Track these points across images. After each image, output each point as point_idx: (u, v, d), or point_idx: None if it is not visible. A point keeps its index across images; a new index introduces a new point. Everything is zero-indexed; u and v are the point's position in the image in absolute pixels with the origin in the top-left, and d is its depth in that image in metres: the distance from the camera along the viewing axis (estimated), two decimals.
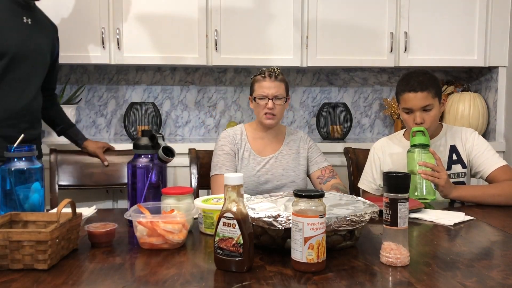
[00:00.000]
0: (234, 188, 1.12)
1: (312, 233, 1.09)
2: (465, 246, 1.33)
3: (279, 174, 2.14)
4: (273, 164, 2.16)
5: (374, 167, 2.12)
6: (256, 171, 2.13)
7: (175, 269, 1.14)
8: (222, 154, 2.14)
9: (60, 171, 2.34)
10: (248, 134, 2.20)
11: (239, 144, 2.17)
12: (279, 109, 2.12)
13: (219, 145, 2.17)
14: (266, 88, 2.10)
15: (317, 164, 2.19)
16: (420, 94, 1.92)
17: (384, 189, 1.17)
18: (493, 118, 3.18)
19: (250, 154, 2.16)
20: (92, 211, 1.71)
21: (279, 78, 2.12)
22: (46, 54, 2.18)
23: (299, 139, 2.24)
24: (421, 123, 1.93)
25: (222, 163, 2.11)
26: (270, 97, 2.09)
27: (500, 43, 3.11)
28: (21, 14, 2.05)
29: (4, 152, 1.46)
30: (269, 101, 2.09)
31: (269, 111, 2.10)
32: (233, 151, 2.15)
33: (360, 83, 3.48)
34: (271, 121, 2.12)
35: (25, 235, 1.12)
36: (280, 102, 2.11)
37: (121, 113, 3.32)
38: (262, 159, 2.16)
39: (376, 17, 3.06)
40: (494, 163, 1.97)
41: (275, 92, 2.10)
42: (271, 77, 2.11)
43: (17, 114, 2.04)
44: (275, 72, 2.12)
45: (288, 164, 2.17)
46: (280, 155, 2.18)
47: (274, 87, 2.10)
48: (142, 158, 1.52)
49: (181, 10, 2.95)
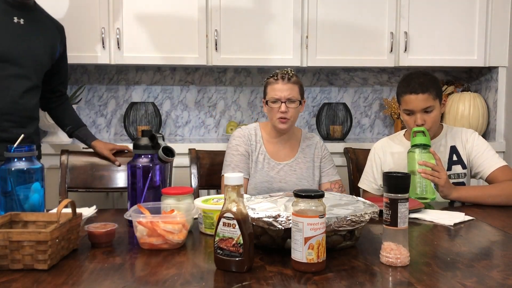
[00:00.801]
0: (234, 188, 1.12)
1: (312, 233, 1.09)
2: (465, 246, 1.33)
3: (293, 183, 2.08)
4: (287, 172, 2.10)
5: (375, 167, 2.12)
6: (270, 177, 2.07)
7: (175, 269, 1.14)
8: (236, 155, 2.08)
9: (70, 173, 2.27)
10: (264, 135, 2.14)
11: (254, 146, 2.11)
12: (293, 112, 2.03)
13: (233, 144, 2.11)
14: (279, 91, 2.02)
15: (328, 176, 2.14)
16: (421, 96, 1.92)
17: (384, 189, 1.17)
18: (493, 118, 3.18)
19: (265, 158, 2.10)
20: (92, 211, 1.71)
21: (292, 80, 2.04)
22: (42, 55, 2.12)
23: (314, 146, 2.16)
24: (422, 124, 1.93)
25: (236, 164, 2.07)
26: (283, 100, 2.01)
27: (500, 43, 3.11)
28: (12, 14, 2.02)
29: (4, 152, 1.46)
30: (282, 104, 2.01)
31: (282, 115, 2.02)
32: (247, 152, 2.09)
33: (360, 83, 3.48)
34: (284, 126, 2.05)
35: (25, 235, 1.12)
36: (293, 105, 2.03)
37: (121, 113, 3.32)
38: (276, 164, 2.10)
39: (376, 17, 3.06)
40: (494, 163, 1.97)
41: (288, 94, 2.01)
42: (283, 79, 2.03)
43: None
44: (288, 74, 2.04)
45: (302, 173, 2.10)
46: (295, 163, 2.11)
47: (287, 89, 2.02)
48: (142, 158, 1.52)
49: (181, 10, 2.95)
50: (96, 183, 2.27)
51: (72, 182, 2.25)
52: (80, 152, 2.34)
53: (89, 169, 2.28)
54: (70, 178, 2.25)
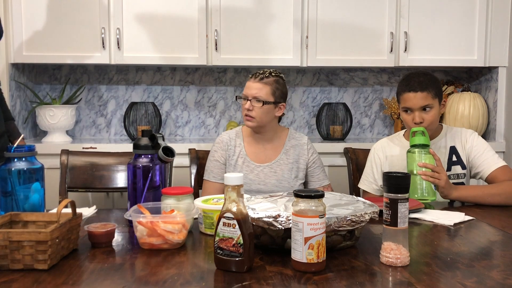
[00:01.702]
0: (234, 188, 1.12)
1: (312, 233, 1.09)
2: (465, 246, 1.33)
3: (272, 184, 2.08)
4: (267, 174, 2.09)
5: (375, 167, 2.13)
6: (248, 179, 2.07)
7: (175, 269, 1.14)
8: (212, 160, 2.14)
9: (70, 173, 2.27)
10: (245, 137, 2.15)
11: (232, 150, 2.12)
12: (258, 112, 2.02)
13: (212, 150, 2.17)
14: (247, 88, 2.04)
15: (319, 181, 2.14)
16: (420, 94, 1.93)
17: (384, 189, 1.17)
18: (493, 118, 3.18)
19: (244, 161, 2.11)
20: (92, 211, 1.71)
21: (265, 80, 2.02)
22: None
23: (300, 147, 2.15)
24: (420, 122, 1.94)
25: (211, 170, 2.13)
26: (249, 97, 2.02)
27: (500, 43, 3.11)
28: None
29: (4, 152, 1.46)
30: (247, 102, 2.02)
31: (247, 112, 2.03)
32: (223, 158, 2.12)
33: (360, 83, 3.48)
34: (249, 123, 2.05)
35: (25, 235, 1.12)
36: (258, 104, 2.01)
37: (121, 113, 3.32)
38: (256, 166, 2.10)
39: (376, 17, 3.06)
40: (494, 163, 1.97)
41: (254, 93, 2.01)
42: (256, 77, 2.03)
43: None
44: (264, 74, 2.03)
45: (283, 175, 2.10)
46: (276, 165, 2.11)
47: (255, 88, 2.01)
48: (142, 158, 1.52)
49: (181, 10, 2.95)
50: (96, 183, 2.26)
51: (72, 182, 2.24)
52: (80, 152, 2.33)
53: (89, 169, 2.27)
54: (70, 178, 2.24)
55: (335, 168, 2.88)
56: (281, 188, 2.06)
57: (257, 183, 2.08)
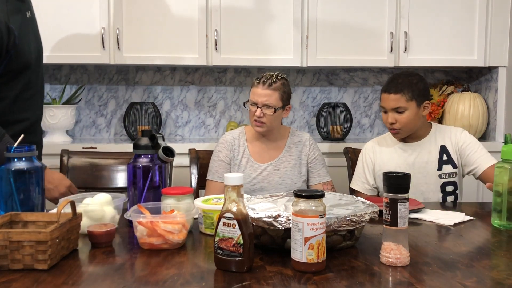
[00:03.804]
0: (234, 188, 1.12)
1: (312, 233, 1.09)
2: (465, 246, 1.33)
3: (275, 182, 2.10)
4: (270, 172, 2.11)
5: (367, 167, 2.14)
6: (252, 178, 2.10)
7: (175, 269, 1.14)
8: (217, 161, 2.14)
9: (70, 173, 2.27)
10: (248, 138, 2.17)
11: (237, 150, 2.13)
12: (269, 118, 2.04)
13: (216, 150, 2.17)
14: (257, 95, 2.04)
15: (319, 178, 2.15)
16: (393, 96, 1.97)
17: (384, 189, 1.17)
18: (493, 118, 3.18)
19: (248, 161, 2.12)
20: None
21: (274, 86, 2.03)
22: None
23: (302, 144, 2.17)
24: (393, 123, 1.99)
25: (216, 170, 2.12)
26: (259, 105, 2.03)
27: (500, 43, 3.11)
28: (23, 9, 1.77)
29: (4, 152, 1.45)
30: (258, 109, 2.03)
31: (258, 118, 2.04)
32: (228, 158, 2.13)
33: (360, 83, 3.48)
34: (259, 129, 2.07)
35: (25, 235, 1.12)
36: (269, 111, 2.03)
37: (121, 113, 3.32)
38: (260, 165, 2.12)
39: (376, 17, 3.06)
40: (488, 160, 1.99)
41: (264, 100, 2.02)
42: (264, 84, 2.03)
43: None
44: (271, 79, 2.03)
45: (286, 172, 2.11)
46: (279, 162, 2.12)
47: (265, 95, 2.02)
48: (142, 158, 1.52)
49: (181, 10, 2.95)
50: (96, 183, 2.27)
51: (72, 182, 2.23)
52: (80, 152, 2.34)
53: (89, 169, 2.28)
54: (70, 178, 2.23)
55: (335, 168, 2.87)
56: (285, 186, 2.09)
57: (260, 181, 2.10)
